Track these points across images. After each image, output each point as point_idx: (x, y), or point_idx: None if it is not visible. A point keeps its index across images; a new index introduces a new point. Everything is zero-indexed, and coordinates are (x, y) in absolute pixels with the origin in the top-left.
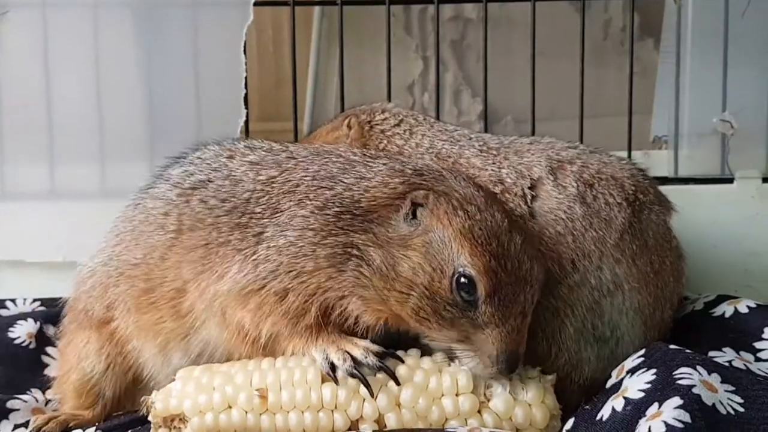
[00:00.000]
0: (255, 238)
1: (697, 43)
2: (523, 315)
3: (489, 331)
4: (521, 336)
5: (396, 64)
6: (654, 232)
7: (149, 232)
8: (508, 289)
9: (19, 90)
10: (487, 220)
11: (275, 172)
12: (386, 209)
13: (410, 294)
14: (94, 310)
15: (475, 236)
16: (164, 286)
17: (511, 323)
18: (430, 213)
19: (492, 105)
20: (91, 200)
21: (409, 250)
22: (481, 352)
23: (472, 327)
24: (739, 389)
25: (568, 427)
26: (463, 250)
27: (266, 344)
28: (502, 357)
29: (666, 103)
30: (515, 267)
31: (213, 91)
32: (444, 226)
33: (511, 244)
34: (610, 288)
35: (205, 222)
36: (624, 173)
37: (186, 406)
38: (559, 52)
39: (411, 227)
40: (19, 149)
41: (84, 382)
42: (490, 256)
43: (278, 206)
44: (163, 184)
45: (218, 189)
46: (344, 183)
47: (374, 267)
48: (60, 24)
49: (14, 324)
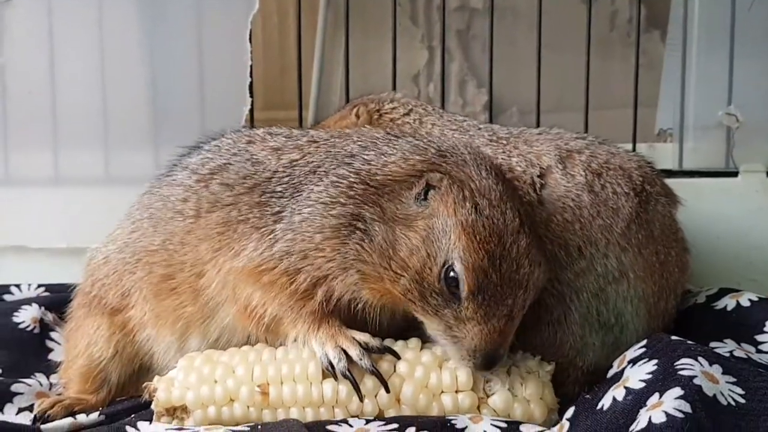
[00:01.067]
0: (273, 217)
1: (704, 35)
2: (508, 317)
3: (470, 327)
4: (503, 337)
5: (401, 54)
6: (660, 223)
7: (168, 219)
8: (497, 290)
9: (23, 76)
10: (494, 218)
11: (297, 155)
12: (400, 185)
13: (402, 275)
14: (107, 298)
15: (475, 231)
16: (184, 271)
17: (494, 323)
18: (439, 198)
19: (497, 96)
20: (95, 187)
21: (410, 230)
22: (461, 344)
23: (455, 319)
24: (740, 381)
25: (569, 416)
26: (459, 243)
27: (269, 324)
28: (479, 354)
29: (672, 96)
30: (511, 269)
31: (218, 79)
32: (449, 214)
33: (514, 245)
34: (615, 275)
35: (224, 202)
36: (632, 164)
37: (189, 399)
38: (565, 43)
39: (419, 208)
40: (23, 136)
41: (91, 367)
42: (484, 254)
43: (299, 187)
44: (180, 172)
45: (239, 170)
46: (363, 159)
47: (375, 243)
48: (64, 11)
49: (19, 309)
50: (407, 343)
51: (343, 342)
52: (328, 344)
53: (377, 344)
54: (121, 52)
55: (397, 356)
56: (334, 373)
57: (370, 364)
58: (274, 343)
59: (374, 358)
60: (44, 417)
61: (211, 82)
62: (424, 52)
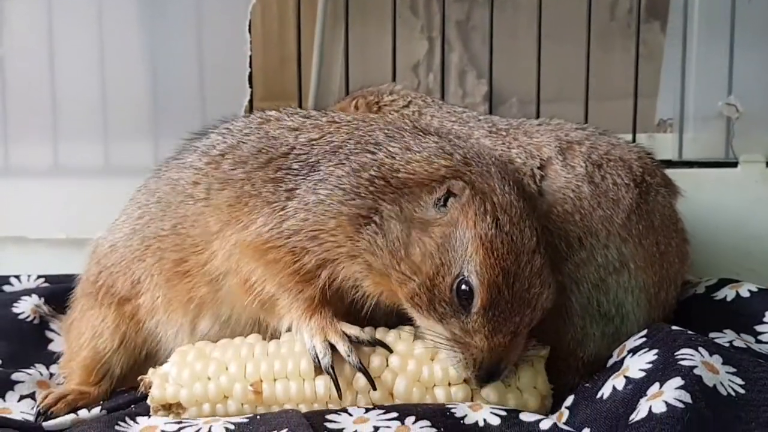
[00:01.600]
0: (287, 194)
1: (704, 26)
2: (514, 334)
3: (476, 340)
4: (507, 353)
5: (401, 45)
6: (660, 213)
7: (178, 203)
8: (507, 307)
9: (23, 68)
10: (512, 235)
11: (316, 135)
12: (421, 187)
13: (412, 278)
14: (116, 286)
15: (493, 247)
16: (196, 253)
17: (499, 339)
18: (460, 207)
19: (497, 86)
20: (95, 178)
21: (426, 236)
22: (465, 359)
23: (461, 329)
24: (740, 371)
25: (568, 404)
26: (476, 257)
27: (265, 302)
28: (483, 367)
29: (671, 86)
30: (522, 288)
31: (217, 69)
32: (468, 226)
33: (529, 265)
34: (616, 266)
35: (236, 177)
36: (632, 155)
37: (182, 396)
38: (565, 33)
39: (437, 214)
40: (23, 127)
41: (95, 360)
42: (500, 271)
43: (317, 165)
44: (189, 155)
45: (253, 146)
46: (388, 150)
47: (388, 240)
48: (64, 2)
49: (18, 299)
50: (400, 333)
51: (333, 336)
52: (317, 336)
53: (368, 338)
54: (121, 43)
55: (389, 350)
56: (320, 367)
57: (358, 361)
58: (269, 321)
59: (365, 352)
60: (47, 413)
61: (211, 72)
62: (423, 42)
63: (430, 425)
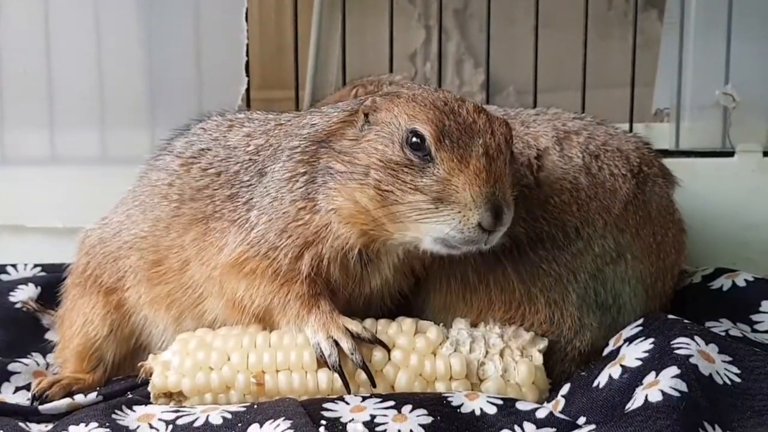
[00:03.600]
0: (245, 206)
1: (701, 15)
2: (487, 156)
3: (456, 180)
4: (494, 177)
5: (398, 33)
6: (657, 204)
7: (154, 204)
8: (459, 133)
9: (19, 55)
10: (435, 94)
11: (262, 140)
12: (342, 126)
13: (368, 174)
14: (103, 278)
15: (418, 103)
16: (171, 258)
17: (475, 164)
18: (379, 109)
19: (494, 75)
20: (92, 166)
21: (363, 142)
22: (460, 206)
23: (438, 183)
24: (736, 360)
25: (564, 393)
26: (408, 116)
27: (259, 314)
28: (480, 199)
29: (669, 76)
30: (467, 120)
31: (214, 58)
32: (389, 109)
33: (462, 106)
34: (613, 256)
35: (204, 193)
36: (629, 146)
37: (185, 386)
38: (563, 22)
39: (364, 132)
40: (19, 115)
41: (87, 346)
42: (434, 110)
43: (263, 170)
44: (167, 155)
45: (214, 159)
46: (311, 125)
47: (338, 175)
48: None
49: (15, 288)
50: (401, 326)
51: (335, 332)
52: (320, 333)
53: (369, 336)
54: (118, 31)
55: (387, 349)
56: (327, 363)
57: (361, 359)
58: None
59: (368, 347)
60: (42, 397)
61: (208, 60)
62: (421, 31)
63: (426, 414)
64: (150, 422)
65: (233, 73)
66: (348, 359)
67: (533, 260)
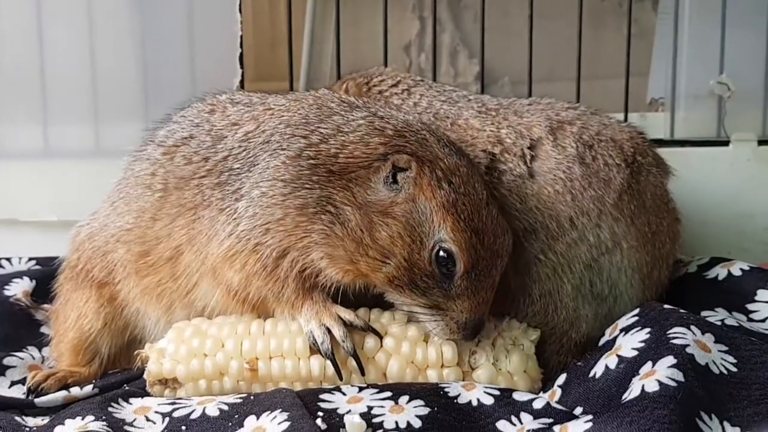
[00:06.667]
0: (234, 195)
1: (696, 4)
2: (492, 287)
3: (460, 302)
4: (488, 305)
5: (392, 25)
6: (652, 193)
7: (137, 195)
8: (484, 263)
9: (12, 49)
10: (470, 194)
11: (252, 126)
12: (365, 170)
13: (386, 262)
14: (94, 272)
15: (458, 211)
16: (159, 247)
17: (482, 295)
18: (412, 181)
19: (489, 66)
20: (86, 160)
21: (388, 217)
22: (448, 318)
23: (444, 297)
24: (733, 349)
25: (560, 383)
26: (445, 225)
27: (255, 304)
28: (470, 325)
29: (663, 65)
30: (491, 241)
31: (208, 50)
32: (427, 198)
33: (489, 218)
34: (608, 246)
35: (191, 183)
36: (623, 135)
37: (179, 372)
38: (557, 12)
39: (391, 192)
40: (12, 108)
41: (82, 339)
42: (471, 232)
43: (255, 160)
44: (149, 146)
45: (199, 146)
46: (320, 133)
47: (348, 228)
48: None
49: (9, 282)
50: (394, 315)
51: (327, 320)
52: (313, 322)
53: (361, 324)
54: (111, 24)
55: (380, 336)
56: (319, 351)
57: (352, 347)
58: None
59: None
60: (38, 390)
61: (202, 53)
62: (415, 22)
63: (423, 404)
64: (146, 414)
65: (227, 65)
66: (340, 347)
67: (527, 251)
